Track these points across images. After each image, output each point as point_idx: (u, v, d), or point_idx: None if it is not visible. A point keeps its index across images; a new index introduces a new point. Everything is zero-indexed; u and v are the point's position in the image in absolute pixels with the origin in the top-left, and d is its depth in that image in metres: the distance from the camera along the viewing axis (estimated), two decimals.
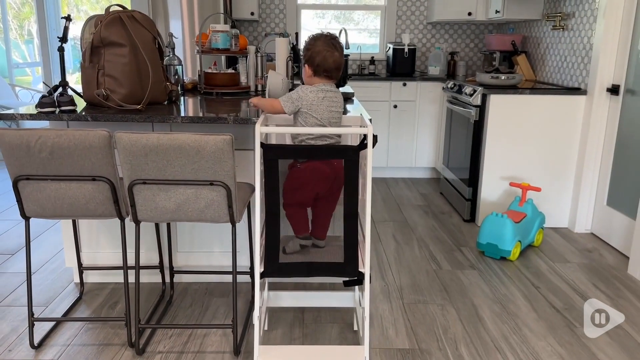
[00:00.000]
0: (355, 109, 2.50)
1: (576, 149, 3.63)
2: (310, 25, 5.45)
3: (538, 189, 3.35)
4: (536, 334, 2.36)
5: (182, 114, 2.31)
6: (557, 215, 3.74)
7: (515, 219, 3.21)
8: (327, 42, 2.01)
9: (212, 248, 2.74)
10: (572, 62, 3.75)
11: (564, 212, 3.73)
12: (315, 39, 2.03)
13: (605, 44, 3.35)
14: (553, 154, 3.65)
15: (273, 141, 2.46)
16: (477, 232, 3.62)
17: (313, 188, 1.98)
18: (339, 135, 2.08)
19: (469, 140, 3.82)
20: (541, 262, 3.14)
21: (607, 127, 3.47)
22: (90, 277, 2.78)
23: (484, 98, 3.64)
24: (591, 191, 3.58)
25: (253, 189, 2.38)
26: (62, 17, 2.36)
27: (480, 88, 3.66)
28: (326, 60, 2.00)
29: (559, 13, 3.92)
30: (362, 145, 1.85)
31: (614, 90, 3.35)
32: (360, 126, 2.13)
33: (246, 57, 3.20)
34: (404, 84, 4.80)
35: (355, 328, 2.36)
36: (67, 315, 2.47)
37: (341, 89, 3.05)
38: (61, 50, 2.34)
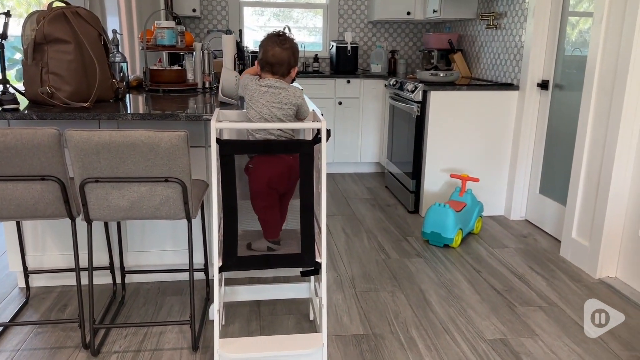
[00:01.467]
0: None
1: (510, 141, 3.86)
2: (250, 22, 5.45)
3: (476, 180, 3.54)
4: (480, 314, 2.51)
5: (130, 111, 2.28)
6: (494, 204, 3.96)
7: (456, 208, 3.38)
8: (272, 38, 2.09)
9: (164, 247, 2.72)
10: (505, 59, 3.98)
11: (500, 201, 3.96)
12: (265, 36, 2.10)
13: (535, 42, 3.58)
14: (489, 146, 3.86)
15: (225, 137, 2.48)
16: (421, 222, 3.78)
17: (269, 183, 2.02)
18: (289, 132, 2.12)
19: (411, 135, 3.97)
20: (481, 248, 3.33)
21: (538, 120, 3.71)
22: (36, 281, 2.69)
23: (425, 94, 3.80)
24: (525, 180, 3.82)
25: (206, 186, 2.39)
26: (1, 13, 2.27)
27: (421, 85, 3.82)
28: (266, 54, 2.07)
29: (492, 12, 4.14)
30: (316, 139, 1.91)
31: (543, 85, 3.59)
32: (313, 121, 2.19)
33: (192, 54, 3.19)
34: (348, 81, 4.91)
35: (311, 318, 2.43)
36: (13, 321, 2.38)
37: None
38: (1, 47, 2.26)
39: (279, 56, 2.06)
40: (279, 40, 2.07)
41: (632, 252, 2.80)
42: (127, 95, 2.82)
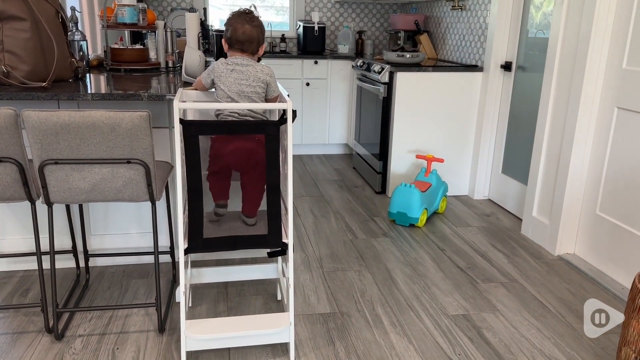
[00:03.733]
0: None
1: (474, 122, 3.92)
2: (215, 0, 5.35)
3: (441, 160, 3.59)
4: (443, 291, 2.57)
5: (91, 91, 2.23)
6: (458, 184, 4.03)
7: (421, 188, 3.43)
8: (240, 15, 2.08)
9: (128, 230, 2.69)
10: (470, 40, 4.02)
11: (464, 181, 4.04)
12: (231, 14, 2.09)
13: (498, 24, 3.62)
14: (454, 127, 3.91)
15: (189, 117, 2.44)
16: (388, 203, 3.83)
17: (216, 155, 1.99)
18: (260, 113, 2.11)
19: (378, 117, 3.99)
20: (445, 227, 3.40)
21: (501, 101, 3.77)
22: None
23: (391, 75, 3.81)
24: (488, 161, 3.89)
25: (171, 167, 2.36)
26: None
27: (387, 66, 3.83)
28: (236, 32, 2.06)
29: None
30: (282, 120, 1.90)
31: (506, 67, 3.65)
32: (279, 101, 2.18)
33: (155, 32, 3.12)
34: (316, 62, 4.88)
35: (279, 298, 2.44)
36: None
37: None
38: None
39: (249, 34, 2.06)
40: (248, 18, 2.07)
41: (590, 229, 2.90)
42: (88, 75, 2.74)
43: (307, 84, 4.93)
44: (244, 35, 2.06)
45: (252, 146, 2.00)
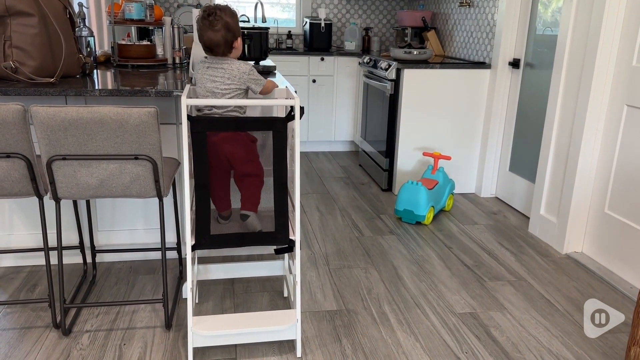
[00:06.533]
0: (279, 82, 2.53)
1: (482, 119, 3.90)
2: None
3: (448, 158, 3.58)
4: (450, 289, 2.56)
5: (98, 87, 2.23)
6: (465, 182, 4.02)
7: (428, 186, 3.42)
8: (203, 20, 2.02)
9: (135, 226, 2.69)
10: (478, 37, 4.00)
11: (471, 179, 4.02)
12: (197, 17, 2.06)
13: (507, 21, 3.60)
14: (461, 125, 3.90)
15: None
16: (394, 200, 3.82)
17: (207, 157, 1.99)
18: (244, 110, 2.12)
19: (384, 114, 3.98)
20: (452, 225, 3.39)
21: (509, 99, 3.75)
22: (4, 261, 2.64)
23: (398, 72, 3.79)
24: (495, 158, 3.88)
25: (178, 164, 2.36)
26: None
27: (394, 63, 3.81)
28: (202, 39, 2.05)
29: None
30: (289, 116, 1.90)
31: (515, 64, 3.63)
32: (286, 98, 2.18)
33: (162, 28, 3.12)
34: (322, 59, 4.87)
35: (285, 295, 2.44)
36: None
37: (262, 63, 3.06)
38: None
39: (213, 39, 2.02)
40: (208, 23, 2.01)
41: (598, 227, 2.88)
42: (95, 71, 2.74)
43: (314, 81, 4.92)
44: (209, 41, 2.03)
45: (234, 147, 2.00)
